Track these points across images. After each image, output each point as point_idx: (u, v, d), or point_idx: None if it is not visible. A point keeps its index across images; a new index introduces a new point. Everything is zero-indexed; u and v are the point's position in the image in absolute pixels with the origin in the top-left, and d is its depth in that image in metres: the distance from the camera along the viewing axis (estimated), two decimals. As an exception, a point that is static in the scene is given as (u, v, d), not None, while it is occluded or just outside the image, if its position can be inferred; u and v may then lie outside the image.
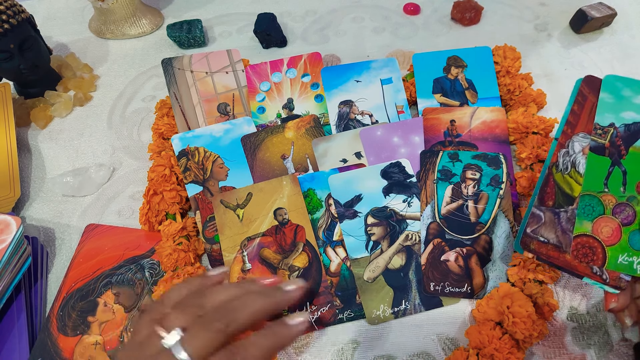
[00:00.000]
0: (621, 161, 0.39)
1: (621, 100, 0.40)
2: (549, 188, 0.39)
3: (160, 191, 0.53)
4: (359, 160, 0.56)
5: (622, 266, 0.37)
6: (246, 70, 0.64)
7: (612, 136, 0.39)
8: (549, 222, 0.39)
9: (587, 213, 0.38)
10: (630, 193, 0.38)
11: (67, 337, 0.47)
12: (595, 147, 0.39)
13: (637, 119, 0.39)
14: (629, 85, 0.40)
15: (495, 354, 0.41)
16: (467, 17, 0.73)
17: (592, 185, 0.38)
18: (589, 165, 0.39)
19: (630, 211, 0.38)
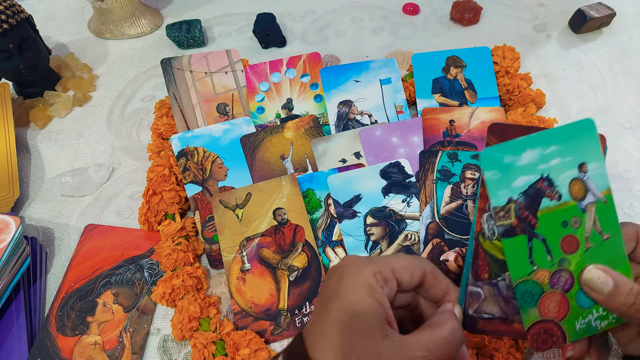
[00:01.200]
0: (535, 231, 0.35)
1: (506, 170, 0.34)
2: (480, 260, 0.36)
3: (160, 191, 0.53)
4: (358, 160, 0.56)
5: (582, 331, 0.35)
6: (245, 71, 0.64)
7: (516, 211, 0.35)
8: (490, 295, 0.36)
9: (528, 300, 0.35)
10: (559, 257, 0.35)
11: (66, 337, 0.47)
12: (505, 230, 0.35)
13: (531, 180, 0.34)
14: (506, 150, 0.34)
15: (494, 354, 0.41)
16: (466, 18, 0.74)
17: (520, 271, 0.35)
18: (507, 251, 0.35)
19: (566, 275, 0.35)
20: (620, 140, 0.59)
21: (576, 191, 0.35)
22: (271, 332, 0.46)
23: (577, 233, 0.35)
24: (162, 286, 0.47)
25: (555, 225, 0.35)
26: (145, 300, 0.49)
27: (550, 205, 0.35)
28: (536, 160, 0.34)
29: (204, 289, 0.49)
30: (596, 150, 0.35)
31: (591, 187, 0.35)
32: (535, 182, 0.34)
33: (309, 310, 0.47)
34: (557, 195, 0.35)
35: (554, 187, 0.35)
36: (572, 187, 0.35)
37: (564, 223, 0.35)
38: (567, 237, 0.35)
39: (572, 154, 0.34)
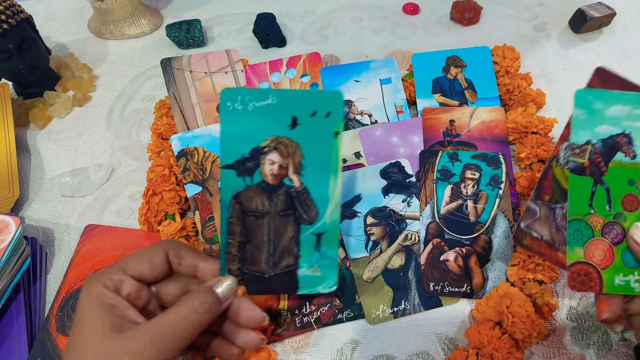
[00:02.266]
0: (603, 179, 0.37)
1: (594, 114, 0.37)
2: (546, 182, 0.38)
3: (160, 191, 0.53)
4: (359, 160, 0.56)
5: (619, 287, 0.36)
6: (245, 71, 0.64)
7: (591, 154, 0.37)
8: (544, 217, 0.38)
9: (577, 239, 0.36)
10: (616, 210, 0.37)
11: (67, 337, 0.47)
12: (575, 167, 0.37)
13: (612, 132, 0.37)
14: (599, 97, 0.37)
15: (494, 354, 0.41)
16: (466, 17, 0.74)
17: (577, 209, 0.37)
18: (572, 188, 0.37)
19: (619, 229, 0.37)
20: (620, 140, 0.59)
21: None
22: (271, 332, 0.46)
23: (637, 192, 0.37)
24: (162, 286, 0.47)
25: (622, 180, 0.37)
26: (146, 300, 0.49)
27: (623, 161, 0.37)
28: (623, 116, 0.36)
29: (204, 289, 0.49)
30: None
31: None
32: (616, 135, 0.36)
33: (309, 310, 0.47)
34: (632, 154, 0.37)
35: (632, 145, 0.37)
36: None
37: (631, 182, 0.37)
38: (629, 195, 0.37)
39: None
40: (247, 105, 0.38)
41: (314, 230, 0.39)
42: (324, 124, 0.38)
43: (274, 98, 0.38)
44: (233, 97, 0.37)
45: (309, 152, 0.38)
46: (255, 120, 0.38)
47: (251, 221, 0.39)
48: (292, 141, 0.38)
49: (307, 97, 0.38)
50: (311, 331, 0.47)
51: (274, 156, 0.38)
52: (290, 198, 0.39)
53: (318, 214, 0.39)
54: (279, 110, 0.38)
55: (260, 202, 0.39)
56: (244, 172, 0.38)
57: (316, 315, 0.47)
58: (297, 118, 0.38)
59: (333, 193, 0.39)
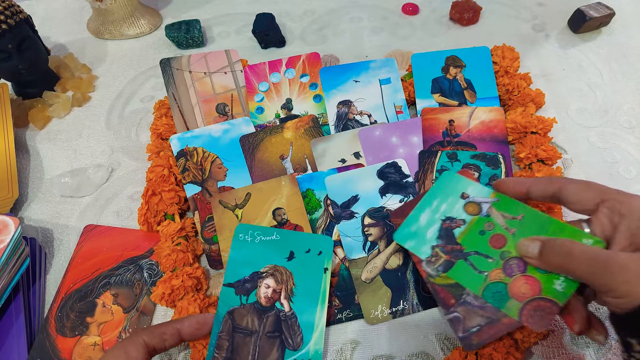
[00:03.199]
0: (465, 252, 0.42)
1: (417, 235, 0.45)
2: (441, 294, 0.42)
3: (159, 192, 0.53)
4: (358, 160, 0.56)
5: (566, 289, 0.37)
6: (245, 71, 0.64)
7: (443, 251, 0.43)
8: (466, 313, 0.40)
9: (500, 298, 0.39)
10: (497, 254, 0.41)
11: (66, 338, 0.47)
12: (445, 266, 0.42)
13: (437, 228, 0.44)
14: (409, 225, 0.45)
15: (493, 354, 0.41)
16: (465, 17, 0.74)
17: (476, 284, 0.41)
18: (457, 277, 0.41)
19: (514, 261, 0.40)
20: (619, 140, 0.59)
21: (472, 210, 0.44)
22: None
23: (497, 231, 0.42)
24: (162, 287, 0.47)
25: (476, 238, 0.43)
26: (145, 300, 0.49)
27: (462, 230, 0.43)
28: (430, 216, 0.45)
29: (203, 289, 0.49)
30: (462, 181, 0.45)
31: (480, 200, 0.44)
32: (440, 227, 0.44)
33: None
34: (461, 222, 0.44)
35: (455, 219, 0.44)
36: (467, 209, 0.44)
37: (481, 232, 0.43)
38: (491, 238, 0.42)
39: (449, 196, 0.45)
40: (255, 238, 0.46)
41: (298, 357, 0.41)
42: (315, 260, 0.45)
43: (278, 235, 0.46)
44: (245, 231, 0.46)
45: (301, 282, 0.44)
46: (259, 250, 0.46)
47: (239, 338, 0.41)
48: (288, 270, 0.45)
49: (305, 238, 0.47)
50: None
51: (270, 281, 0.44)
52: (279, 321, 0.42)
53: (303, 340, 0.42)
54: (280, 245, 0.46)
55: (251, 320, 0.42)
56: (241, 292, 0.43)
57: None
58: (294, 252, 0.46)
59: (319, 322, 0.43)
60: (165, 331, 0.37)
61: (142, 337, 0.36)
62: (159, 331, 0.37)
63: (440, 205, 0.45)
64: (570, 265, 0.35)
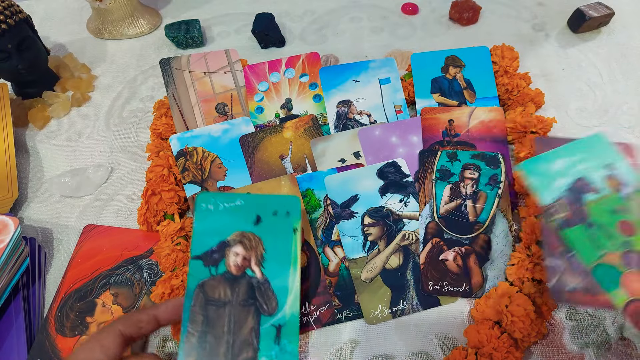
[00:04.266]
0: (589, 220, 0.40)
1: (545, 176, 0.42)
2: (550, 237, 0.41)
3: (159, 191, 0.53)
4: (358, 160, 0.56)
5: None
6: (244, 70, 0.64)
7: (566, 206, 0.41)
8: (568, 268, 0.39)
9: (609, 281, 0.38)
10: (620, 239, 0.39)
11: (66, 338, 0.47)
12: (563, 223, 0.40)
13: (569, 182, 0.42)
14: (541, 161, 0.43)
15: (493, 353, 0.41)
16: (465, 17, 0.74)
17: (590, 257, 0.39)
18: (573, 241, 0.40)
19: (634, 255, 0.38)
20: (619, 139, 0.59)
21: (613, 184, 0.41)
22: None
23: (629, 217, 0.40)
24: (162, 286, 0.47)
25: (606, 213, 0.40)
26: (145, 300, 0.49)
27: (594, 198, 0.41)
28: (566, 166, 0.42)
29: (203, 289, 0.49)
30: (614, 153, 0.43)
31: (626, 180, 0.41)
32: (574, 182, 0.42)
33: (308, 310, 0.47)
34: (596, 189, 0.41)
35: (591, 183, 0.41)
36: (608, 182, 0.42)
37: (613, 211, 0.40)
38: (621, 222, 0.40)
39: (593, 157, 0.43)
40: (219, 206, 0.44)
41: (274, 322, 0.40)
42: (284, 221, 0.44)
43: (242, 200, 0.44)
44: (207, 200, 0.44)
45: (271, 246, 0.43)
46: (224, 218, 0.43)
47: (212, 310, 0.40)
48: (256, 236, 0.43)
49: (270, 200, 0.45)
50: (310, 331, 0.47)
51: (239, 249, 0.43)
52: (252, 288, 0.41)
53: (278, 305, 0.41)
54: (245, 210, 0.44)
55: (222, 291, 0.41)
56: (210, 263, 0.42)
57: (315, 315, 0.47)
58: (260, 216, 0.44)
59: (292, 285, 0.42)
60: (141, 318, 0.37)
61: (117, 327, 0.36)
62: (134, 319, 0.37)
63: (581, 161, 0.42)
64: None
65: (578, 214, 0.40)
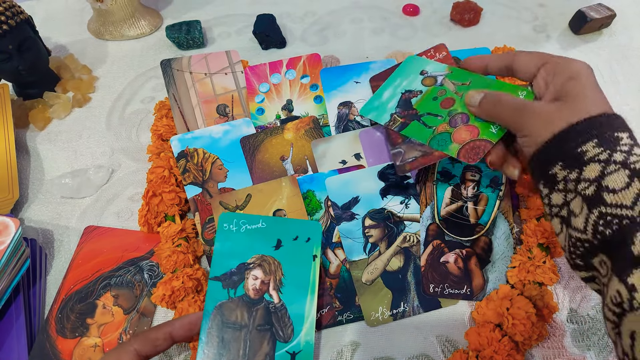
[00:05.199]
0: (419, 114, 0.49)
1: (378, 108, 0.53)
2: (392, 135, 0.50)
3: (159, 193, 0.53)
4: (359, 161, 0.56)
5: (499, 132, 0.43)
6: (245, 72, 0.64)
7: (399, 115, 0.51)
8: (408, 148, 0.48)
9: (444, 143, 0.45)
10: (445, 112, 0.47)
11: (66, 339, 0.47)
12: (401, 127, 0.50)
13: (397, 99, 0.52)
14: (374, 100, 0.54)
15: (494, 356, 0.41)
16: (466, 18, 0.73)
17: (426, 135, 0.47)
18: (410, 134, 0.48)
19: (458, 115, 0.46)
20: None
21: (428, 82, 0.51)
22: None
23: (447, 95, 0.48)
24: (162, 288, 0.47)
25: (429, 103, 0.49)
26: (145, 302, 0.49)
27: (418, 98, 0.50)
28: (392, 91, 0.53)
29: (204, 290, 0.49)
30: (422, 61, 0.54)
31: (435, 74, 0.51)
32: (400, 99, 0.52)
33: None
34: (417, 93, 0.51)
35: (413, 91, 0.51)
36: (424, 82, 0.51)
37: (434, 98, 0.49)
38: (442, 101, 0.48)
39: (410, 74, 0.53)
40: (240, 227, 0.45)
41: (289, 349, 0.40)
42: (304, 247, 0.44)
43: (264, 223, 0.45)
44: (229, 220, 0.45)
45: (290, 272, 0.43)
46: (245, 240, 0.44)
47: (229, 333, 0.40)
48: (275, 260, 0.43)
49: (292, 224, 0.45)
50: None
51: (258, 272, 0.43)
52: (269, 313, 0.41)
53: (294, 332, 0.41)
54: (266, 233, 0.45)
55: (240, 314, 0.41)
56: (229, 285, 0.42)
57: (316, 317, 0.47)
58: (281, 240, 0.44)
59: (309, 312, 0.42)
60: (158, 337, 0.37)
61: (133, 346, 0.36)
62: (151, 337, 0.37)
63: (401, 82, 0.52)
64: (498, 111, 0.41)
65: (409, 116, 0.49)
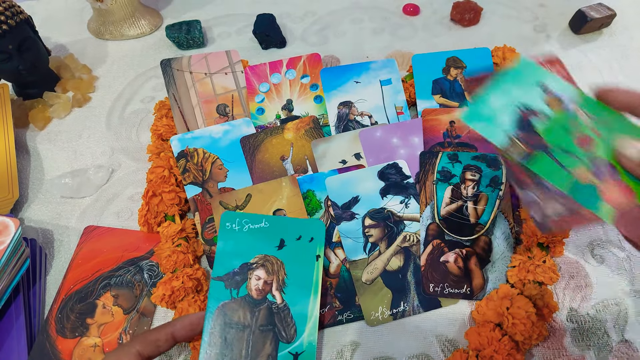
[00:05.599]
0: (549, 148, 0.38)
1: (487, 119, 0.39)
2: (518, 172, 0.39)
3: (159, 192, 0.53)
4: (359, 161, 0.56)
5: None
6: (245, 72, 0.64)
7: (521, 140, 0.38)
8: (545, 197, 0.38)
9: (589, 198, 0.36)
10: (582, 154, 0.37)
11: (66, 339, 0.47)
12: (525, 157, 0.38)
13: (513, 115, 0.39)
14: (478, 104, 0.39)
15: (494, 356, 0.41)
16: (466, 18, 0.73)
17: (562, 181, 0.37)
18: (540, 171, 0.37)
19: (602, 162, 0.37)
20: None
21: (554, 105, 0.39)
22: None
23: (582, 130, 0.38)
24: (162, 288, 0.47)
25: (561, 134, 0.38)
26: (145, 302, 0.49)
27: (544, 123, 0.38)
28: (505, 101, 0.39)
29: (203, 290, 0.49)
30: (540, 72, 0.40)
31: (563, 96, 0.39)
32: (519, 117, 0.39)
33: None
34: (542, 115, 0.39)
35: (534, 110, 0.39)
36: (551, 104, 0.39)
37: (566, 130, 0.38)
38: (578, 137, 0.38)
39: (525, 84, 0.40)
40: (243, 226, 0.44)
41: (292, 350, 0.40)
42: (307, 247, 0.44)
43: (267, 222, 0.44)
44: (232, 219, 0.44)
45: (293, 272, 0.42)
46: (248, 240, 0.44)
47: (232, 333, 0.40)
48: (278, 260, 0.43)
49: (295, 224, 0.45)
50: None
51: (261, 272, 0.43)
52: (272, 313, 0.41)
53: (296, 333, 0.40)
54: (269, 233, 0.44)
55: (242, 314, 0.41)
56: (231, 285, 0.42)
57: (316, 316, 0.47)
58: (284, 240, 0.44)
59: (312, 312, 0.41)
60: (159, 337, 0.37)
61: (135, 347, 0.36)
62: (152, 338, 0.36)
63: (516, 93, 0.40)
64: None
65: (535, 144, 0.38)
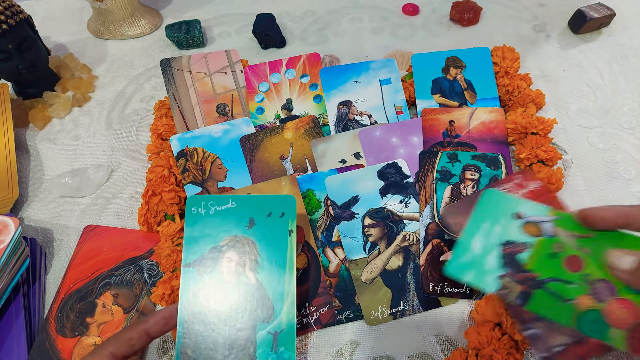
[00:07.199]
0: (540, 279, 0.36)
1: (473, 265, 0.37)
2: (519, 310, 0.36)
3: (159, 192, 0.53)
4: (358, 160, 0.56)
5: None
6: (245, 71, 0.64)
7: (513, 281, 0.36)
8: (547, 329, 0.36)
9: (598, 329, 0.34)
10: (577, 278, 0.35)
11: (66, 339, 0.47)
12: (522, 298, 0.36)
13: (497, 256, 0.37)
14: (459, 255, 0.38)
15: (494, 355, 0.41)
16: (465, 18, 0.73)
17: (564, 315, 0.35)
18: (540, 310, 0.35)
19: (600, 283, 0.35)
20: (620, 140, 0.59)
21: (532, 231, 0.37)
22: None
23: (568, 252, 0.36)
24: (162, 287, 0.47)
25: (548, 262, 0.36)
26: (145, 301, 0.49)
27: (529, 255, 0.37)
28: (484, 242, 0.38)
29: (203, 289, 0.49)
30: (510, 200, 0.39)
31: (539, 220, 0.38)
32: (501, 254, 0.37)
33: (308, 311, 0.47)
34: (524, 246, 0.37)
35: (516, 242, 0.37)
36: (528, 231, 0.37)
37: (551, 255, 0.36)
38: (566, 260, 0.36)
39: (499, 217, 0.38)
40: (210, 209, 0.42)
41: (270, 330, 0.39)
42: (278, 223, 0.42)
43: (234, 202, 0.42)
44: (197, 203, 0.42)
45: (265, 250, 0.41)
46: (215, 222, 0.41)
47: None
48: (249, 239, 0.41)
49: (264, 200, 0.42)
50: (311, 332, 0.47)
51: (232, 254, 0.40)
52: (246, 295, 0.40)
53: (274, 312, 0.39)
54: (237, 212, 0.42)
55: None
56: (202, 270, 0.40)
57: (316, 316, 0.47)
58: (253, 219, 0.42)
59: (288, 290, 0.40)
60: (132, 336, 0.36)
61: (107, 349, 0.35)
62: (125, 338, 0.36)
63: (493, 228, 0.38)
64: None
65: (528, 282, 0.36)
